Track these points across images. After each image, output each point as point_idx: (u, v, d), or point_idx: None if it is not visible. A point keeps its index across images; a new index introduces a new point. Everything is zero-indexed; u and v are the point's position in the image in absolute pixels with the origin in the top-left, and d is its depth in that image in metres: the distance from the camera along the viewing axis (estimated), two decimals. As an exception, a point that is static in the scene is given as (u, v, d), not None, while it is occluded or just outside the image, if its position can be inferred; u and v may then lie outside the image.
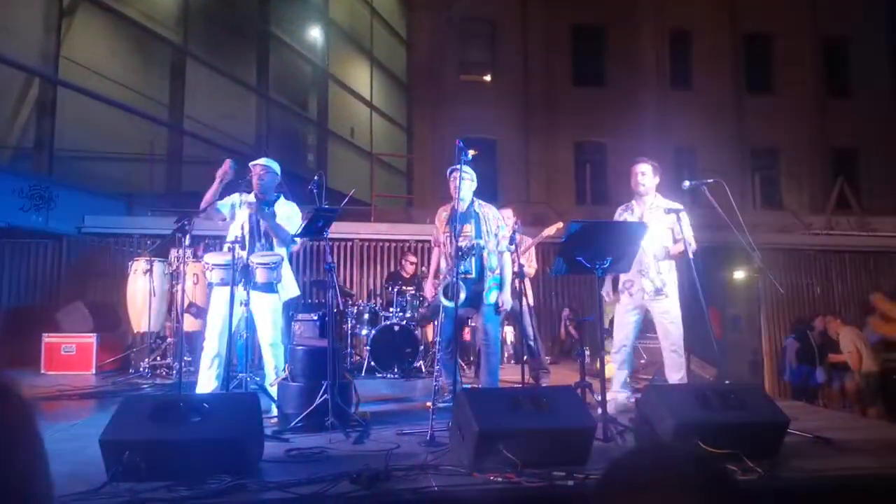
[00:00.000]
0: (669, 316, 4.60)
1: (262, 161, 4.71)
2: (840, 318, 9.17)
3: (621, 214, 4.84)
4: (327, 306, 4.26)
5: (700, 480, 0.78)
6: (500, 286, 4.67)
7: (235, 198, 4.69)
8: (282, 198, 4.74)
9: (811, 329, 9.46)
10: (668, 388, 3.93)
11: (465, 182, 4.61)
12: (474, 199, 4.73)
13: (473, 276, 4.56)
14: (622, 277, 4.75)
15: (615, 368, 4.80)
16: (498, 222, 4.74)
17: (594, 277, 3.88)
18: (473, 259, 4.56)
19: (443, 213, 4.85)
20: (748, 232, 4.35)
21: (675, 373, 4.60)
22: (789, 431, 3.39)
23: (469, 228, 4.59)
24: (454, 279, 4.22)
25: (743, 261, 9.69)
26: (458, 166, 4.50)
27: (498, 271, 4.68)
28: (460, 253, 4.36)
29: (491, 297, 4.64)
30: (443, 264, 4.79)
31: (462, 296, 4.28)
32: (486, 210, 4.73)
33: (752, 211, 15.72)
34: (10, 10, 8.28)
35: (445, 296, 4.37)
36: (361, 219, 10.50)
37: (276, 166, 4.74)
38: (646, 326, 5.03)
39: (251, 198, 4.61)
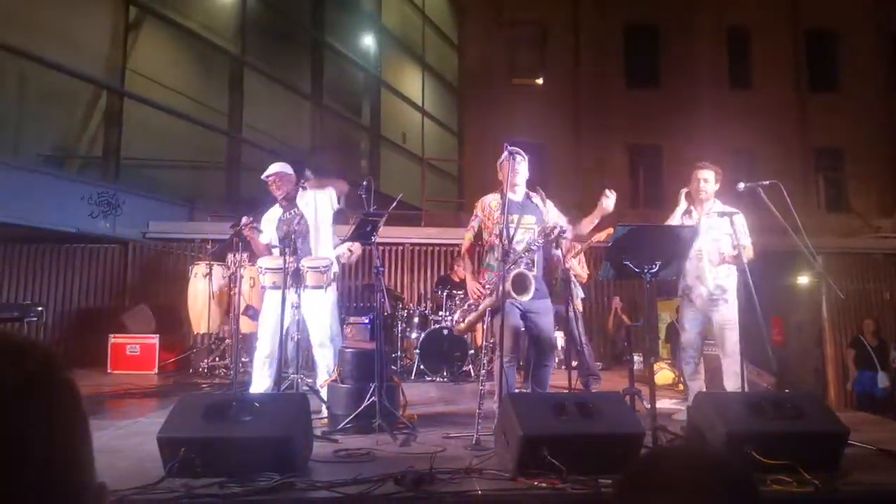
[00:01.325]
0: (727, 322, 4.51)
1: (272, 171, 4.88)
2: None
3: (680, 217, 4.76)
4: (376, 309, 4.32)
5: (717, 483, 0.77)
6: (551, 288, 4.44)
7: (269, 219, 4.93)
8: (300, 190, 4.85)
9: (862, 333, 9.18)
10: (720, 396, 3.83)
11: (523, 166, 4.27)
12: (528, 190, 4.41)
13: (536, 271, 4.18)
14: (680, 284, 4.68)
15: (686, 378, 4.71)
16: (559, 214, 4.42)
17: (644, 282, 3.81)
18: (536, 254, 4.20)
19: (492, 202, 4.36)
20: (811, 235, 4.21)
21: (731, 380, 4.50)
22: (850, 443, 3.25)
23: (529, 219, 4.25)
24: (523, 270, 3.93)
25: (805, 266, 9.33)
26: (517, 149, 4.18)
27: (561, 265, 4.46)
28: (526, 246, 4.07)
29: (549, 300, 4.32)
30: (490, 259, 4.33)
31: (532, 289, 3.96)
32: (547, 204, 4.41)
33: (816, 214, 15.12)
34: (79, 26, 8.73)
35: (516, 289, 3.95)
36: (412, 223, 10.59)
37: (286, 168, 4.89)
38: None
39: (277, 212, 4.85)
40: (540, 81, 18.01)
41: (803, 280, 10.40)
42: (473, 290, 4.28)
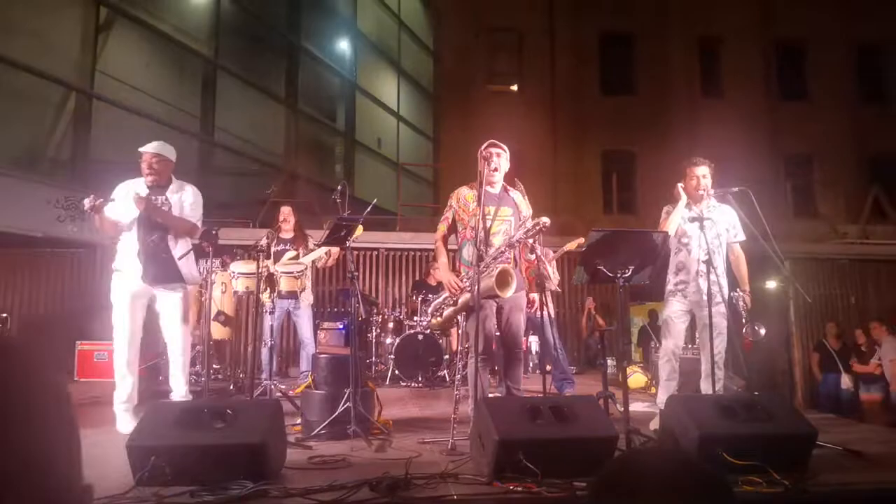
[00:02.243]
0: (718, 326, 4.34)
1: (154, 149, 4.27)
2: (887, 325, 8.92)
3: (682, 211, 4.56)
4: (351, 315, 4.30)
5: (690, 484, 0.77)
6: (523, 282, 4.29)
7: (127, 193, 4.19)
8: (175, 183, 4.36)
9: (825, 336, 9.46)
10: (692, 399, 3.87)
11: (503, 160, 4.18)
12: (504, 183, 4.32)
13: (511, 263, 4.10)
14: (673, 279, 4.54)
15: (662, 377, 4.55)
16: (528, 207, 4.33)
17: (617, 286, 3.82)
18: (515, 249, 4.14)
19: (468, 194, 4.25)
20: (779, 241, 4.27)
21: (708, 383, 4.38)
22: (818, 444, 3.32)
23: (506, 211, 4.17)
24: (507, 266, 3.89)
25: (773, 271, 9.52)
26: (496, 142, 4.15)
27: (532, 263, 4.31)
28: (505, 240, 4.02)
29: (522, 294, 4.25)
30: (465, 253, 4.18)
31: (514, 285, 3.91)
32: (516, 193, 4.33)
33: (784, 219, 15.42)
34: (47, 26, 8.56)
35: (499, 285, 3.86)
36: (387, 228, 10.57)
37: (170, 152, 4.36)
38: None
39: (140, 187, 4.21)
40: (515, 88, 18.13)
41: (771, 284, 10.60)
42: (451, 284, 4.12)
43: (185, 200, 4.32)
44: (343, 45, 15.29)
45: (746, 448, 2.96)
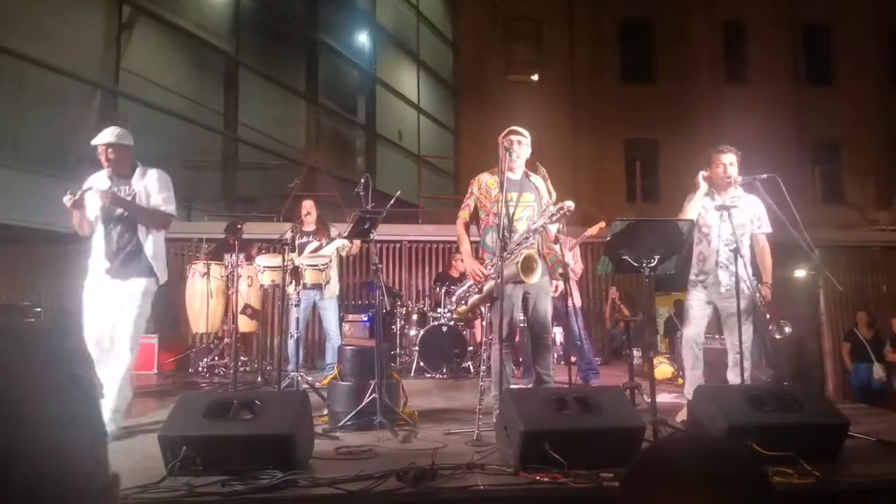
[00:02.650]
0: (743, 314, 4.19)
1: (108, 139, 3.98)
2: None
3: (701, 200, 4.49)
4: (375, 307, 4.32)
5: (724, 470, 0.76)
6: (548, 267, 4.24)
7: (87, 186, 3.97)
8: (139, 169, 4.09)
9: (856, 325, 9.26)
10: (721, 389, 3.83)
11: (524, 147, 4.19)
12: (525, 168, 4.30)
13: (535, 248, 4.06)
14: (694, 270, 4.47)
15: (686, 368, 4.51)
16: (551, 192, 4.32)
17: (641, 276, 3.79)
18: (539, 235, 4.11)
19: (489, 180, 4.23)
20: (808, 229, 4.18)
21: (735, 373, 4.28)
22: (850, 434, 3.26)
23: (529, 197, 4.15)
24: (534, 251, 3.88)
25: (803, 258, 9.36)
26: (517, 128, 4.16)
27: (551, 251, 4.25)
28: (527, 226, 4.01)
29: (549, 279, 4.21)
30: (488, 240, 4.16)
31: (539, 271, 3.90)
32: (537, 178, 4.31)
33: (813, 207, 15.15)
34: (72, 26, 8.70)
35: (525, 270, 3.83)
36: (409, 221, 10.59)
37: (126, 139, 4.06)
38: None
39: (102, 180, 4.00)
40: (535, 77, 18.00)
41: (800, 273, 10.42)
42: (474, 272, 4.08)
43: (150, 187, 4.04)
44: (362, 39, 15.31)
45: (777, 439, 2.92)
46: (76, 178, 4.05)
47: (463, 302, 4.27)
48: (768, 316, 4.22)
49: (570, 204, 3.87)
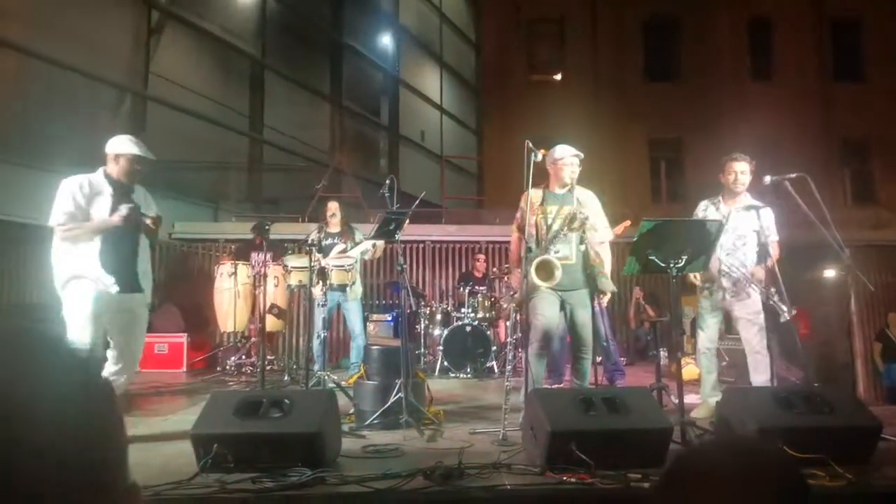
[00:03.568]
0: (752, 316, 4.44)
1: (144, 151, 3.91)
2: None
3: (706, 209, 4.67)
4: (401, 307, 4.35)
5: (762, 478, 0.76)
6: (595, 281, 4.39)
7: (94, 193, 3.80)
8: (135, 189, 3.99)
9: (888, 326, 9.11)
10: (750, 391, 3.79)
11: (575, 168, 4.46)
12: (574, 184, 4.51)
13: (572, 260, 4.29)
14: (701, 278, 4.60)
15: (703, 371, 4.66)
16: (600, 210, 4.52)
17: (669, 276, 3.79)
18: (573, 243, 4.30)
19: (534, 195, 4.41)
20: (838, 228, 4.13)
21: (760, 375, 4.41)
22: (883, 437, 3.22)
23: (568, 210, 4.35)
24: (548, 256, 4.07)
25: (833, 259, 9.19)
26: (573, 150, 4.48)
27: (598, 260, 4.40)
28: (559, 233, 4.20)
29: (594, 284, 4.36)
30: (536, 248, 4.38)
31: (558, 275, 4.05)
32: (587, 195, 4.52)
33: (842, 206, 14.88)
34: (102, 31, 8.86)
35: (539, 275, 4.04)
36: (433, 221, 10.62)
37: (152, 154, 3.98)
38: (727, 327, 4.87)
39: (103, 185, 3.81)
40: (559, 77, 17.93)
41: (829, 273, 10.23)
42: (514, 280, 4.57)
43: (146, 202, 3.99)
44: (385, 41, 15.38)
45: (807, 441, 2.89)
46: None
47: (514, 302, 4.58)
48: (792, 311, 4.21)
49: (583, 212, 4.24)
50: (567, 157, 4.43)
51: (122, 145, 3.88)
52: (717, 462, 0.81)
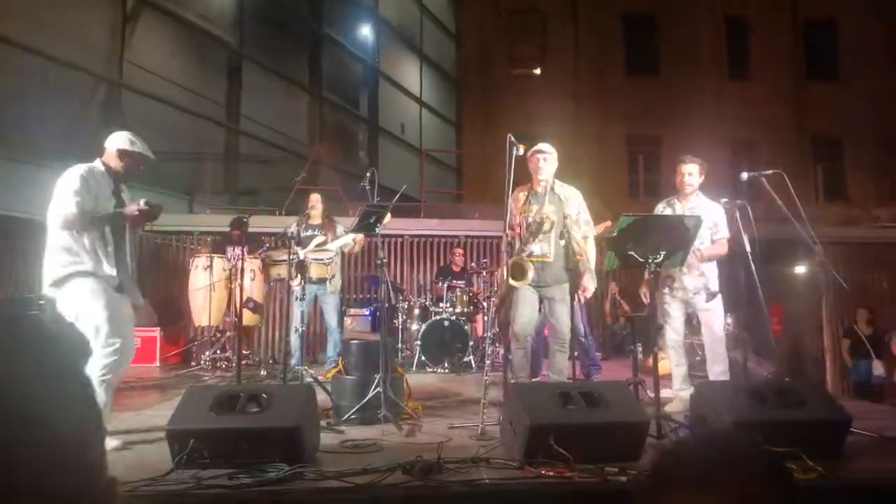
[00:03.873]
0: (710, 311, 4.59)
1: (149, 151, 3.86)
2: None
3: (662, 210, 4.81)
4: (380, 300, 4.34)
5: (751, 473, 0.76)
6: (577, 276, 4.47)
7: (94, 184, 3.66)
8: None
9: (856, 322, 9.29)
10: (724, 385, 3.86)
11: (548, 163, 4.48)
12: (555, 180, 4.56)
13: (550, 258, 4.38)
14: (662, 274, 4.62)
15: (672, 365, 4.76)
16: (581, 206, 4.56)
17: (642, 272, 3.84)
18: (551, 241, 4.38)
19: (520, 195, 4.54)
20: (810, 225, 4.21)
21: (717, 366, 4.57)
22: (852, 430, 3.28)
23: (549, 210, 4.41)
24: (524, 257, 4.16)
25: (804, 255, 9.36)
26: (540, 147, 4.45)
27: (582, 256, 4.46)
28: (536, 233, 4.26)
29: (570, 284, 4.44)
30: (517, 247, 4.49)
31: (530, 275, 4.15)
32: (568, 192, 4.56)
33: (814, 203, 15.13)
34: (77, 18, 8.68)
35: (514, 276, 4.16)
36: (411, 215, 10.59)
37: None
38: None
39: (104, 178, 3.72)
40: (538, 71, 17.97)
41: (801, 269, 10.42)
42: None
43: (130, 200, 3.85)
44: (365, 32, 15.28)
45: (780, 434, 2.93)
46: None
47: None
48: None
49: (587, 216, 4.46)
50: (531, 155, 4.44)
51: (131, 143, 3.78)
52: (704, 455, 0.81)
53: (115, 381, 3.56)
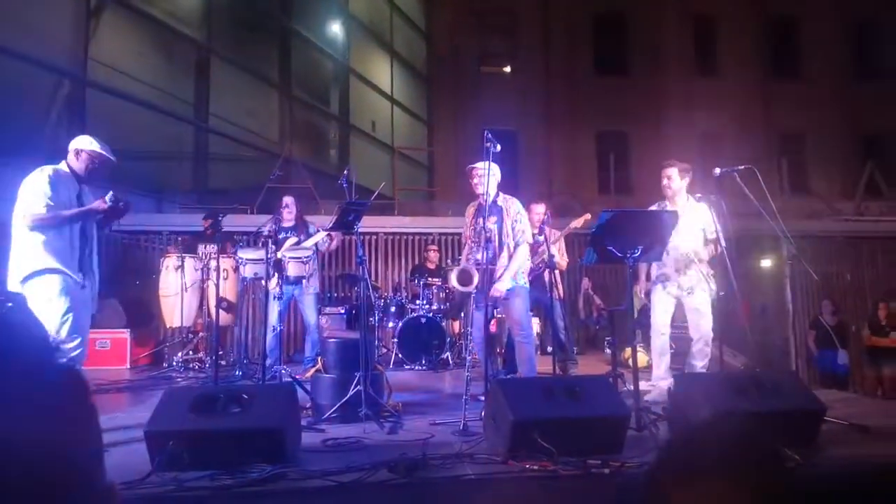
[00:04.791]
0: (701, 309, 4.71)
1: (101, 148, 3.86)
2: None
3: None
4: (359, 298, 4.31)
5: (756, 461, 0.77)
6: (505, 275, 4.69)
7: (61, 184, 3.73)
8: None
9: (821, 313, 9.53)
10: (702, 377, 3.92)
11: (483, 179, 4.70)
12: (499, 192, 4.81)
13: (494, 265, 4.67)
14: (656, 269, 4.87)
15: (655, 356, 4.87)
16: (518, 216, 4.77)
17: (623, 267, 3.89)
18: (489, 248, 4.64)
19: (471, 209, 4.93)
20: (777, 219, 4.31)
21: (700, 361, 4.71)
22: (825, 419, 3.37)
23: (492, 220, 4.68)
24: (469, 265, 4.44)
25: (770, 248, 9.57)
26: (475, 165, 4.69)
27: (502, 262, 4.70)
28: (485, 240, 4.48)
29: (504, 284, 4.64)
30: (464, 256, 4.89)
31: (475, 280, 4.45)
32: (509, 204, 4.80)
33: (780, 197, 15.47)
34: (38, 12, 8.43)
35: (459, 281, 4.54)
36: (385, 212, 10.55)
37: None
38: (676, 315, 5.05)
39: (70, 179, 3.79)
40: (509, 69, 18.04)
41: (767, 262, 10.66)
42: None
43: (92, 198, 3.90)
44: (335, 29, 15.14)
45: (757, 424, 3.00)
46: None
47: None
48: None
49: (522, 225, 4.71)
50: (469, 172, 4.74)
51: (89, 143, 3.87)
52: (705, 448, 0.82)
53: None
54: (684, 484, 0.79)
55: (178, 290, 6.79)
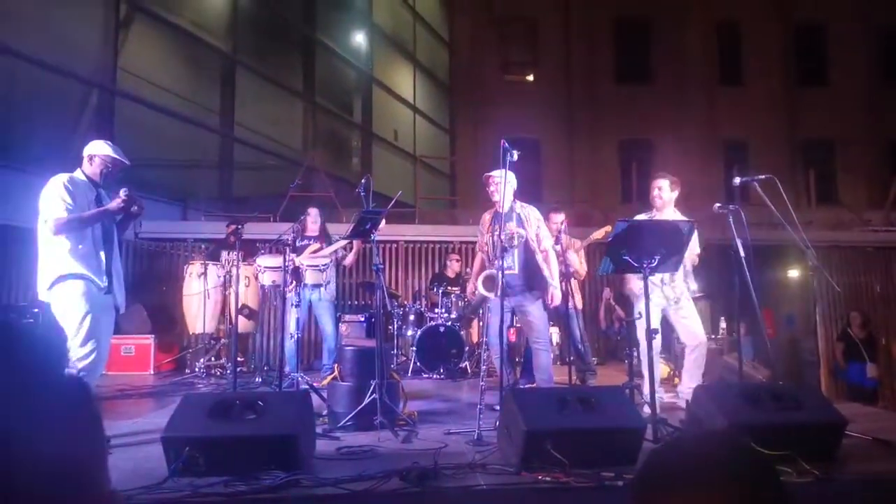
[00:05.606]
0: (688, 319, 4.80)
1: (114, 152, 3.93)
2: None
3: None
4: (376, 306, 4.33)
5: (741, 473, 0.76)
6: (545, 283, 4.74)
7: (77, 191, 3.78)
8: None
9: (849, 326, 9.33)
10: (720, 388, 3.87)
11: (500, 186, 4.71)
12: (515, 200, 4.84)
13: (515, 270, 4.69)
14: (640, 283, 4.85)
15: (673, 366, 4.88)
16: (539, 223, 4.80)
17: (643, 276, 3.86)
18: (515, 253, 4.68)
19: (486, 217, 4.98)
20: (802, 229, 4.24)
21: (697, 369, 4.77)
22: (847, 433, 3.30)
23: (511, 226, 4.70)
24: (495, 271, 4.40)
25: (797, 259, 9.40)
26: (491, 173, 4.72)
27: (545, 270, 4.73)
28: (502, 248, 4.47)
29: (535, 293, 4.77)
30: (486, 263, 4.89)
31: (499, 286, 4.39)
32: (528, 211, 4.83)
33: (806, 207, 15.22)
34: (70, 24, 8.65)
35: (485, 287, 4.56)
36: (406, 221, 10.59)
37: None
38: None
39: (87, 186, 3.85)
40: (531, 78, 18.04)
41: (794, 273, 10.47)
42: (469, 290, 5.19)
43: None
44: (359, 38, 15.30)
45: (776, 437, 2.95)
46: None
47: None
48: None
49: (521, 231, 4.72)
50: (485, 180, 4.80)
51: (96, 147, 3.95)
52: (694, 457, 0.81)
53: (92, 383, 3.63)
54: (666, 495, 0.78)
55: (201, 297, 6.89)
